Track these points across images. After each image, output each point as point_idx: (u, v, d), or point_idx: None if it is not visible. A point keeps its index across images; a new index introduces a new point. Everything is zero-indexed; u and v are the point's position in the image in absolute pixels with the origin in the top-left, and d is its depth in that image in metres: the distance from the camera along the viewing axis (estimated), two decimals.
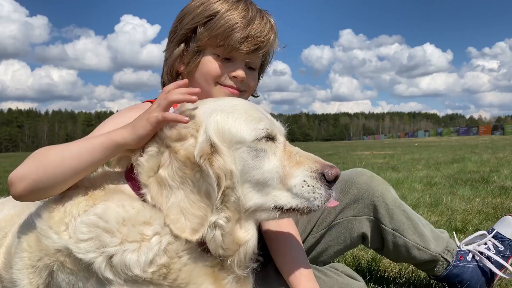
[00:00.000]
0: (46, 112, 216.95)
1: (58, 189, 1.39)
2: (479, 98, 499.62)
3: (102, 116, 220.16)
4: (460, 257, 2.04)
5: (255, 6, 1.73)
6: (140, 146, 1.39)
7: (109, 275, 1.25)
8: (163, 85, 1.86)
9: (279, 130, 1.49)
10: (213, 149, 1.32)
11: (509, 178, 6.57)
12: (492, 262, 2.02)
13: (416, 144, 27.15)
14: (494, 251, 2.05)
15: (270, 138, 1.41)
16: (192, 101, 1.39)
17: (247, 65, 1.74)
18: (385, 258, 2.66)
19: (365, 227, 1.98)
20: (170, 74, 1.78)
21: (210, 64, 1.70)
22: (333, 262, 2.14)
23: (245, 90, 1.78)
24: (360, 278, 1.86)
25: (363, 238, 2.02)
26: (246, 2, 1.71)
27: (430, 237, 1.99)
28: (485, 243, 2.08)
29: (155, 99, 1.80)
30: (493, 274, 2.03)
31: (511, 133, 49.82)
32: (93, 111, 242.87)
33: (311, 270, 1.68)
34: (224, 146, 1.33)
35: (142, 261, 1.24)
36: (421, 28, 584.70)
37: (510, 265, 2.04)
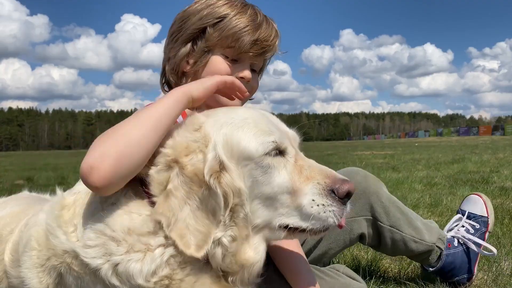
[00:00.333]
0: (47, 111, 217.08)
1: (142, 160, 1.29)
2: (480, 98, 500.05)
3: (102, 115, 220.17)
4: (449, 245, 2.18)
5: (261, 12, 1.78)
6: (202, 99, 1.47)
7: (115, 281, 1.25)
8: (164, 85, 1.86)
9: (294, 140, 1.45)
10: (221, 166, 1.29)
11: (509, 178, 6.57)
12: (473, 243, 2.20)
13: (416, 144, 27.16)
14: (473, 230, 2.24)
15: (280, 151, 1.35)
16: (244, 92, 1.61)
17: (251, 67, 1.78)
18: (384, 258, 2.67)
19: (364, 227, 2.07)
20: (176, 73, 1.79)
21: (220, 64, 1.72)
22: (333, 263, 2.17)
23: (248, 91, 1.79)
24: (360, 279, 1.88)
25: (360, 237, 2.10)
26: (254, 8, 1.76)
27: (423, 229, 2.11)
28: (463, 225, 2.26)
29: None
30: (476, 254, 2.21)
31: None
32: (93, 110, 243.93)
33: (312, 273, 1.69)
34: (232, 163, 1.30)
35: (145, 272, 1.24)
36: (421, 28, 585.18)
37: (487, 240, 2.25)
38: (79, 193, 1.43)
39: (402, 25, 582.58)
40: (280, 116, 1.86)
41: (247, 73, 1.74)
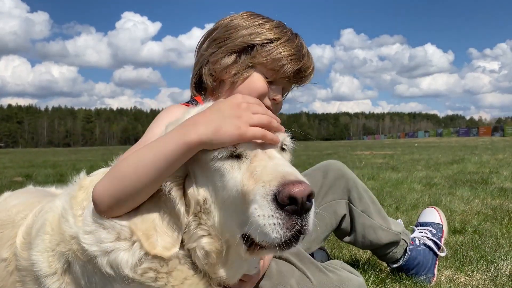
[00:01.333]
0: (46, 109, 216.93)
1: (141, 198, 1.27)
2: (480, 99, 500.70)
3: (102, 113, 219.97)
4: (412, 242, 2.38)
5: (304, 43, 1.85)
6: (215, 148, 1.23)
7: (109, 270, 1.24)
8: (197, 87, 1.87)
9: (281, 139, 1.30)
10: (187, 172, 1.28)
11: (508, 179, 6.58)
12: (433, 244, 2.41)
13: (416, 145, 27.18)
14: (430, 235, 2.45)
15: (235, 154, 1.22)
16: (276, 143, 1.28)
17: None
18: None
19: (345, 209, 2.24)
20: (214, 79, 1.81)
21: (259, 81, 1.76)
22: (331, 259, 2.18)
23: (274, 112, 1.82)
24: (359, 274, 1.91)
25: (339, 224, 2.25)
26: (300, 38, 1.83)
27: (390, 221, 2.31)
28: (421, 231, 2.48)
29: (188, 103, 1.81)
30: (436, 254, 2.40)
31: (511, 135, 49.80)
32: (93, 108, 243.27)
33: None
34: (197, 169, 1.27)
35: (131, 262, 1.23)
36: (422, 28, 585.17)
37: (444, 243, 2.46)
38: (96, 175, 1.46)
39: (403, 25, 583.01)
40: (280, 115, 1.87)
41: (279, 97, 1.83)
